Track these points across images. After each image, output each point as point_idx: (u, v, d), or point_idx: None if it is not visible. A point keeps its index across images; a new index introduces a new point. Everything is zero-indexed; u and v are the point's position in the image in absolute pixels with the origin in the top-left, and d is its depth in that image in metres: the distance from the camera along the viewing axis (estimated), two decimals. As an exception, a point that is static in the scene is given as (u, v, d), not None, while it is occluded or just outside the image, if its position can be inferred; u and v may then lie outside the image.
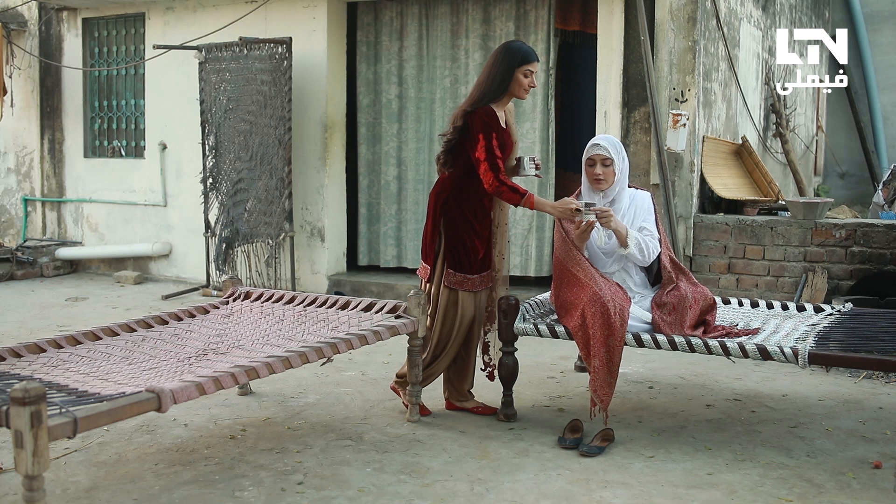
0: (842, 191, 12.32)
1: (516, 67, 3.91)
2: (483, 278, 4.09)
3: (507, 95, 3.99)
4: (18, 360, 3.50)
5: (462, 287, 4.01)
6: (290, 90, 7.00)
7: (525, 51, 3.96)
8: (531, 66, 3.94)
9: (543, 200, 3.96)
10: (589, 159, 4.05)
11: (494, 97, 3.93)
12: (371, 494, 3.21)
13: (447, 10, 7.16)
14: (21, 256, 8.41)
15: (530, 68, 3.94)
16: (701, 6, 6.27)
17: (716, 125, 6.94)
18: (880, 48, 12.30)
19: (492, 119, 3.88)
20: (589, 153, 4.06)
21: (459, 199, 3.99)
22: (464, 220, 3.98)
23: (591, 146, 4.07)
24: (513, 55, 3.93)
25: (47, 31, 8.82)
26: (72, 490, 3.24)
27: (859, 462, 3.56)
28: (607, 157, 4.00)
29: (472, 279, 4.04)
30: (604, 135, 4.28)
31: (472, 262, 4.02)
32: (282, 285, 7.15)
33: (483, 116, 3.87)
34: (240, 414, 4.18)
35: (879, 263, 5.78)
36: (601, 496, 3.21)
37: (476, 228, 4.02)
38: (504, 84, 3.92)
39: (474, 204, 4.00)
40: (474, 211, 4.00)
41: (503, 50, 3.97)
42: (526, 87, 3.96)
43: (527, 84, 3.95)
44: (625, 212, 4.08)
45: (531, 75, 3.95)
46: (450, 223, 4.00)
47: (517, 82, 3.93)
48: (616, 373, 3.75)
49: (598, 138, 4.12)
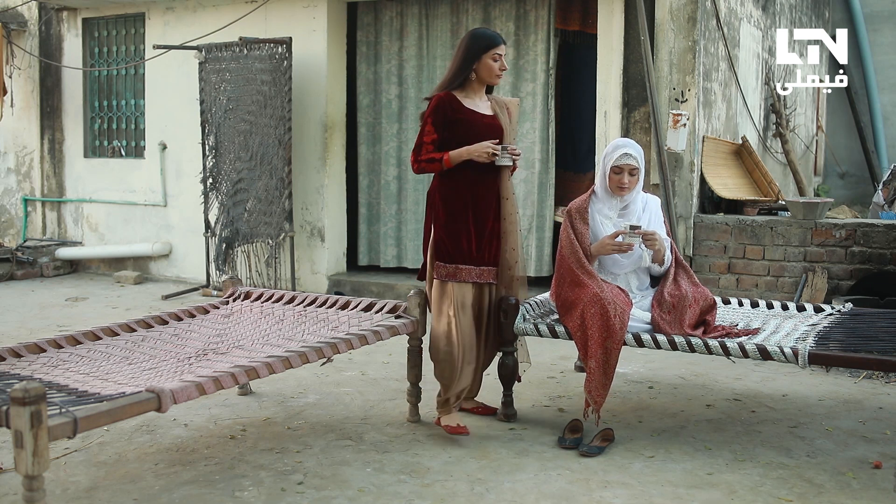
0: (842, 191, 12.32)
1: (483, 53, 3.86)
2: (484, 272, 3.95)
3: (479, 82, 3.92)
4: (18, 360, 3.50)
5: (455, 278, 3.89)
6: (290, 90, 7.00)
7: (491, 35, 3.92)
8: (499, 50, 3.88)
9: (459, 150, 3.83)
10: (616, 167, 3.97)
11: (459, 84, 3.89)
12: (371, 494, 3.21)
13: (447, 10, 7.16)
14: (21, 256, 8.41)
15: (498, 52, 3.88)
16: (701, 6, 6.27)
17: (716, 125, 6.94)
18: (880, 48, 12.29)
19: (442, 104, 3.84)
20: (618, 161, 3.96)
21: (444, 191, 3.92)
22: (449, 212, 3.89)
23: (620, 155, 3.97)
24: (478, 41, 3.89)
25: (47, 31, 8.82)
26: (72, 490, 3.24)
27: (859, 462, 3.56)
28: (635, 167, 3.97)
29: (466, 269, 3.91)
30: (626, 140, 4.13)
31: (463, 253, 3.89)
32: (282, 285, 7.15)
33: (433, 102, 3.87)
34: (240, 414, 4.18)
35: (879, 263, 5.78)
36: (601, 496, 3.21)
37: (467, 220, 3.89)
38: (467, 70, 3.87)
39: (463, 194, 3.89)
40: (464, 202, 3.89)
41: (469, 36, 3.93)
42: (497, 71, 3.90)
43: (497, 68, 3.90)
44: (639, 215, 4.09)
45: (500, 59, 3.90)
46: (436, 216, 3.95)
47: (486, 67, 3.87)
48: (612, 375, 3.75)
49: (626, 145, 4.01)
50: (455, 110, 3.86)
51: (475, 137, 3.84)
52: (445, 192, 3.91)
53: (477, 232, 3.92)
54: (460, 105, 3.88)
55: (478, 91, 3.96)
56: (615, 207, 4.06)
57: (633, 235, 3.87)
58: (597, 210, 4.08)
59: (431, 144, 3.86)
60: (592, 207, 4.09)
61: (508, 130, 4.00)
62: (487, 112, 3.96)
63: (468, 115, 3.88)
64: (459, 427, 3.82)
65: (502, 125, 3.97)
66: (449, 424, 3.84)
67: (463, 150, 3.83)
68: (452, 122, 3.85)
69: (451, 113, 3.85)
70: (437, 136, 3.85)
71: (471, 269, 3.92)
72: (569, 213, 4.11)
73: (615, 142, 4.10)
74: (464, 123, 3.85)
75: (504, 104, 4.06)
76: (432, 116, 3.86)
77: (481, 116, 3.92)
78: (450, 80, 3.91)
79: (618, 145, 4.03)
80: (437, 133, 3.85)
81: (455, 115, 3.85)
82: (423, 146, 3.89)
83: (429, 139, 3.87)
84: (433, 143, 3.86)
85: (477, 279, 3.95)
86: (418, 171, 3.95)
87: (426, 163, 3.87)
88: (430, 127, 3.87)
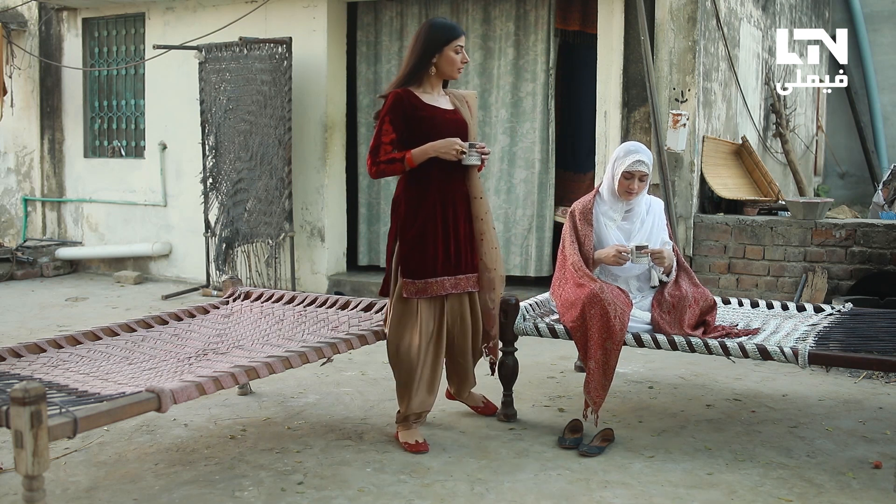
0: (842, 191, 12.32)
1: (445, 45, 3.60)
2: (461, 281, 3.72)
3: (437, 76, 3.66)
4: (18, 360, 3.50)
5: (425, 294, 3.63)
6: (290, 90, 7.00)
7: (451, 26, 3.65)
8: (460, 42, 3.63)
9: (423, 148, 3.56)
10: (628, 172, 3.93)
11: (416, 79, 3.64)
12: (371, 494, 3.21)
13: (447, 10, 7.16)
14: (21, 256, 8.41)
15: (459, 43, 3.63)
16: (701, 6, 6.27)
17: (716, 125, 6.94)
18: (880, 48, 12.29)
19: (399, 101, 3.58)
20: (631, 167, 3.91)
21: (409, 195, 3.66)
22: (417, 219, 3.63)
23: (633, 161, 3.90)
24: (439, 32, 3.61)
25: (47, 31, 8.82)
26: (72, 490, 3.24)
27: (859, 462, 3.56)
28: (646, 174, 3.95)
29: (438, 282, 3.65)
30: (637, 144, 4.03)
31: (434, 264, 3.63)
32: (282, 285, 7.15)
33: (389, 99, 3.60)
34: (240, 414, 4.18)
35: (879, 263, 5.78)
36: (601, 496, 3.21)
37: (436, 226, 3.64)
38: (426, 63, 3.61)
39: (431, 197, 3.63)
40: (433, 206, 3.63)
41: (426, 28, 3.64)
42: (459, 64, 3.65)
43: (459, 61, 3.64)
44: (643, 217, 4.08)
45: (462, 51, 3.64)
46: (402, 225, 3.66)
47: (448, 61, 3.62)
48: (611, 376, 3.75)
49: (638, 151, 3.94)
50: (415, 107, 3.59)
51: (439, 135, 3.58)
52: (411, 197, 3.65)
53: (451, 237, 3.68)
54: (420, 101, 3.62)
55: (436, 86, 3.70)
56: (620, 210, 4.06)
57: (640, 255, 3.82)
58: (601, 212, 4.08)
59: (390, 144, 3.59)
60: (597, 209, 4.08)
61: (471, 125, 3.77)
62: (449, 107, 3.72)
63: (430, 111, 3.62)
64: (418, 444, 3.65)
65: (465, 120, 3.74)
66: (407, 441, 3.67)
67: (428, 147, 3.55)
68: (412, 119, 3.58)
69: (410, 110, 3.59)
70: (395, 135, 3.58)
71: (444, 281, 3.67)
72: (572, 214, 4.11)
73: (627, 146, 4.01)
74: (426, 121, 3.59)
75: (463, 98, 3.81)
76: (390, 114, 3.58)
77: (443, 112, 3.67)
78: (407, 76, 3.64)
79: (629, 150, 3.96)
80: (396, 132, 3.58)
81: (415, 113, 3.59)
82: (380, 147, 3.59)
83: (387, 139, 3.59)
84: (392, 143, 3.59)
85: (453, 290, 3.71)
86: (376, 175, 3.64)
87: (385, 164, 3.59)
88: (387, 126, 3.58)
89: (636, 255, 3.83)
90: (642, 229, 4.06)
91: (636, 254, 3.83)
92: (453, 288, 3.71)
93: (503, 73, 6.97)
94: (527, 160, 6.91)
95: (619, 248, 3.88)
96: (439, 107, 3.67)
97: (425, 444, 3.68)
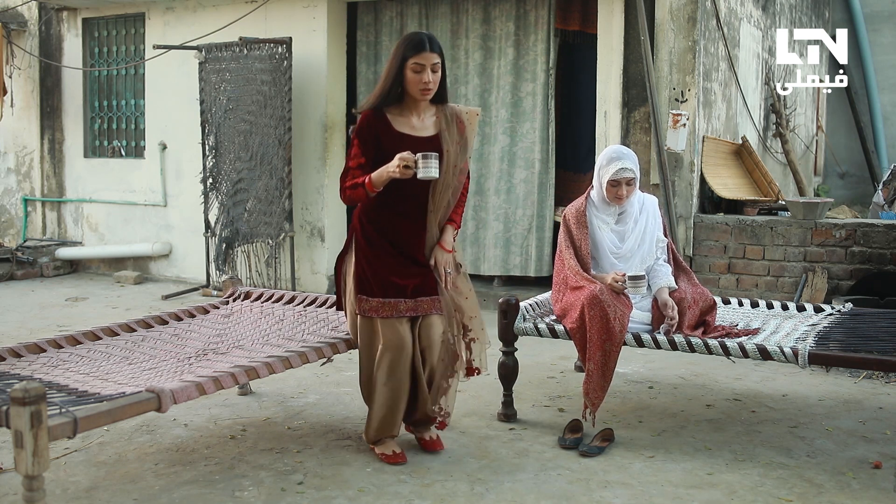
0: (842, 191, 12.32)
1: (403, 62, 3.30)
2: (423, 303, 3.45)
3: (410, 97, 3.38)
4: (18, 360, 3.50)
5: (379, 314, 3.42)
6: (290, 90, 7.00)
7: (415, 41, 3.30)
8: (419, 59, 3.27)
9: (378, 171, 3.29)
10: (614, 181, 3.92)
11: (390, 99, 3.38)
12: (371, 494, 3.21)
13: (447, 10, 7.16)
14: (21, 256, 8.41)
15: (419, 61, 3.27)
16: (701, 6, 6.27)
17: (716, 125, 6.94)
18: (880, 48, 12.29)
19: (367, 123, 3.38)
20: (616, 175, 3.89)
21: (366, 216, 3.48)
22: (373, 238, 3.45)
23: (617, 169, 3.87)
24: (400, 47, 3.32)
25: (47, 31, 8.82)
26: (72, 490, 3.24)
27: (859, 462, 3.56)
28: (633, 178, 3.94)
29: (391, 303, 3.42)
30: (621, 149, 4.00)
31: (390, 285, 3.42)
32: (282, 285, 7.15)
33: (360, 120, 3.41)
34: (240, 414, 4.18)
35: (879, 263, 5.78)
36: (601, 496, 3.21)
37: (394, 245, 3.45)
38: (396, 82, 3.34)
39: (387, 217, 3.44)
40: (393, 225, 3.44)
41: (396, 44, 3.38)
42: (420, 85, 3.30)
43: (419, 81, 3.30)
44: (636, 217, 4.07)
45: (423, 70, 3.28)
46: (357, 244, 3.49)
47: (407, 80, 3.32)
48: (610, 377, 3.75)
49: (621, 157, 3.91)
50: (381, 131, 3.37)
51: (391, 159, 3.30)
52: (368, 218, 3.47)
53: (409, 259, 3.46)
54: (388, 124, 3.38)
55: (414, 106, 3.41)
56: (612, 214, 4.06)
57: (637, 286, 3.78)
58: (594, 216, 4.07)
59: (358, 169, 3.36)
60: (590, 212, 4.08)
61: (453, 149, 3.44)
62: (427, 132, 3.42)
63: (396, 136, 3.37)
64: (395, 455, 3.51)
65: (442, 144, 3.42)
66: (384, 453, 3.53)
67: (381, 170, 3.28)
68: (380, 143, 3.36)
69: (378, 133, 3.37)
70: (364, 159, 3.36)
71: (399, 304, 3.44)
72: (565, 220, 4.09)
73: (608, 152, 3.98)
74: (392, 146, 3.33)
75: (454, 116, 3.48)
76: (358, 137, 3.38)
77: (413, 138, 3.38)
78: (380, 95, 3.38)
79: (612, 157, 3.93)
80: (365, 156, 3.36)
81: (381, 137, 3.37)
82: (348, 171, 3.39)
83: (355, 163, 3.37)
84: (360, 168, 3.36)
85: (414, 312, 3.45)
86: (347, 201, 3.44)
87: (350, 189, 3.37)
88: (356, 150, 3.38)
89: (631, 284, 3.78)
90: (636, 230, 4.06)
91: (631, 283, 3.78)
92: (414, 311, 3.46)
93: (503, 73, 6.97)
94: (527, 160, 6.91)
95: (616, 277, 3.85)
96: (410, 134, 3.40)
97: (403, 454, 3.54)
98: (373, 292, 3.44)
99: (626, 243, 4.04)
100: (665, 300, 3.91)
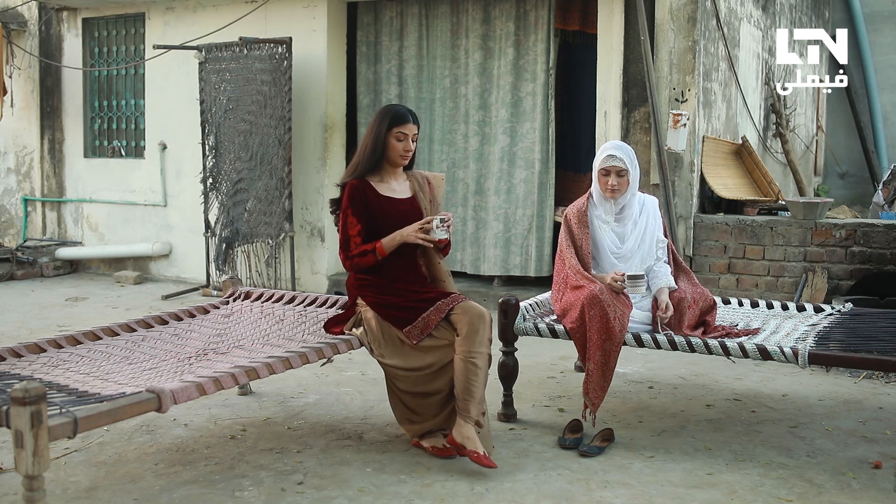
0: (842, 191, 12.32)
1: (387, 131, 3.61)
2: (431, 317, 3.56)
3: (390, 163, 3.68)
4: (18, 360, 3.50)
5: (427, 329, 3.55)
6: (290, 90, 7.00)
7: (396, 112, 3.63)
8: (403, 129, 3.61)
9: (392, 236, 3.58)
10: (603, 169, 3.96)
11: (370, 167, 3.65)
12: (371, 494, 3.21)
13: (447, 10, 7.16)
14: (21, 256, 8.41)
15: (403, 130, 3.61)
16: (701, 6, 6.27)
17: (716, 125, 6.94)
18: (880, 48, 12.30)
19: (356, 192, 3.61)
20: (604, 164, 3.95)
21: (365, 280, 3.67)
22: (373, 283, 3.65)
23: (605, 157, 3.95)
24: (382, 118, 3.64)
25: (47, 31, 8.82)
26: (72, 490, 3.24)
27: (859, 462, 3.56)
28: (623, 168, 3.95)
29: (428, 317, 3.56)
30: (615, 142, 4.10)
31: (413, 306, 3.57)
32: (282, 285, 7.15)
33: (346, 191, 3.64)
34: (240, 414, 4.18)
35: (879, 263, 5.78)
36: (601, 496, 3.21)
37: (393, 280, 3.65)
38: (379, 151, 3.63)
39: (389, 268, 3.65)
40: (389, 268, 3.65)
41: (378, 114, 3.69)
42: (401, 152, 3.63)
43: (401, 149, 3.63)
44: (636, 218, 4.08)
45: (405, 139, 3.62)
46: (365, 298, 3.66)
47: (389, 146, 3.63)
48: (610, 377, 3.75)
49: (612, 147, 3.98)
50: (370, 198, 3.63)
51: (394, 226, 3.60)
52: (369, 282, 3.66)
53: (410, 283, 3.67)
54: (374, 192, 3.65)
55: (392, 173, 3.72)
56: (611, 212, 4.06)
57: (636, 286, 3.80)
58: (595, 215, 4.08)
59: (359, 236, 3.61)
60: (590, 212, 4.09)
61: (429, 210, 3.75)
62: (406, 195, 3.73)
63: (382, 203, 3.65)
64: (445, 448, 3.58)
65: (420, 207, 3.74)
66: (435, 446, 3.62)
67: (396, 235, 3.57)
68: (369, 210, 3.62)
69: (367, 200, 3.63)
70: (360, 226, 3.61)
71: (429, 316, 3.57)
72: (566, 219, 4.10)
73: (604, 145, 4.07)
74: (379, 213, 3.62)
75: (425, 180, 3.83)
76: (350, 207, 3.61)
77: (397, 203, 3.68)
78: (363, 164, 3.65)
79: (605, 148, 4.01)
80: (361, 223, 3.61)
81: (370, 204, 3.63)
82: (350, 240, 3.62)
83: (354, 231, 3.61)
84: (360, 234, 3.61)
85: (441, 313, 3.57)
86: (353, 269, 3.66)
87: (359, 257, 3.60)
88: (351, 218, 3.61)
89: (630, 283, 3.79)
90: (635, 230, 4.06)
91: (630, 283, 3.79)
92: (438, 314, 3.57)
93: (503, 72, 6.96)
94: (527, 160, 6.91)
95: (615, 277, 3.85)
96: (393, 197, 3.69)
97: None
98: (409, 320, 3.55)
99: (627, 243, 4.05)
100: (664, 301, 3.91)
